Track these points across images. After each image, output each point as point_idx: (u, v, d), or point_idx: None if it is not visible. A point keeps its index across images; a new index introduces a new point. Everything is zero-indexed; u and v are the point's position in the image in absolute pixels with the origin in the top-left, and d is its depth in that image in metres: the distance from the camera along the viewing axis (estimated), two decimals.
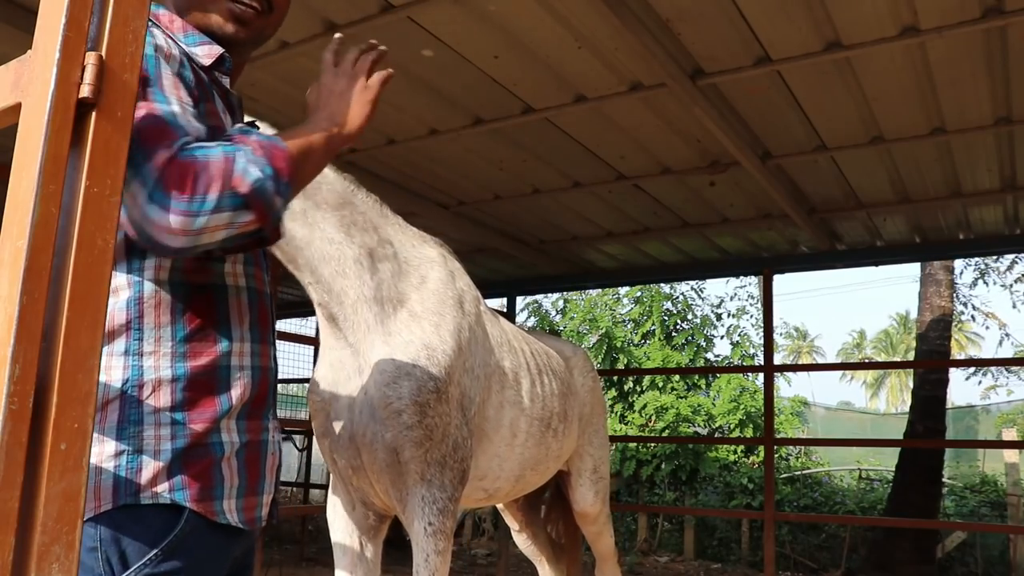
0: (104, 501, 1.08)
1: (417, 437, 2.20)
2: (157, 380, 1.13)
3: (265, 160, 1.06)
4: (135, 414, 1.11)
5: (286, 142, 1.13)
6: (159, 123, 1.03)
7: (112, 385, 1.11)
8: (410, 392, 2.19)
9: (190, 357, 1.16)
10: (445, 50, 3.30)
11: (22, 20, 2.98)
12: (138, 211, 0.99)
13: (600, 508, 3.54)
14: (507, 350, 2.73)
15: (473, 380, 2.44)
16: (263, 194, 1.04)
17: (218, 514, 1.15)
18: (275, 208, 1.07)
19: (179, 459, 1.12)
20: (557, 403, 3.00)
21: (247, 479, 1.21)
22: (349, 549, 2.48)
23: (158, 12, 1.26)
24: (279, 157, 1.08)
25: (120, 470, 1.09)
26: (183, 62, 1.16)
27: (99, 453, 1.08)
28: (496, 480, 2.73)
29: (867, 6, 2.91)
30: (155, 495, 1.10)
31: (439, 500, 2.25)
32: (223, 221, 1.01)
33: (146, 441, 1.10)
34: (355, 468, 2.35)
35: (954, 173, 4.45)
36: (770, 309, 5.90)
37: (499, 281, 7.05)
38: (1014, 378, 16.59)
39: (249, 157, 1.04)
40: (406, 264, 2.37)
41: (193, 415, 1.14)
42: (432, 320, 2.32)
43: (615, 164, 4.54)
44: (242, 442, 1.21)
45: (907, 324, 34.11)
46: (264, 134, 1.12)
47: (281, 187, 1.07)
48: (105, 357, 1.10)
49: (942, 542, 8.58)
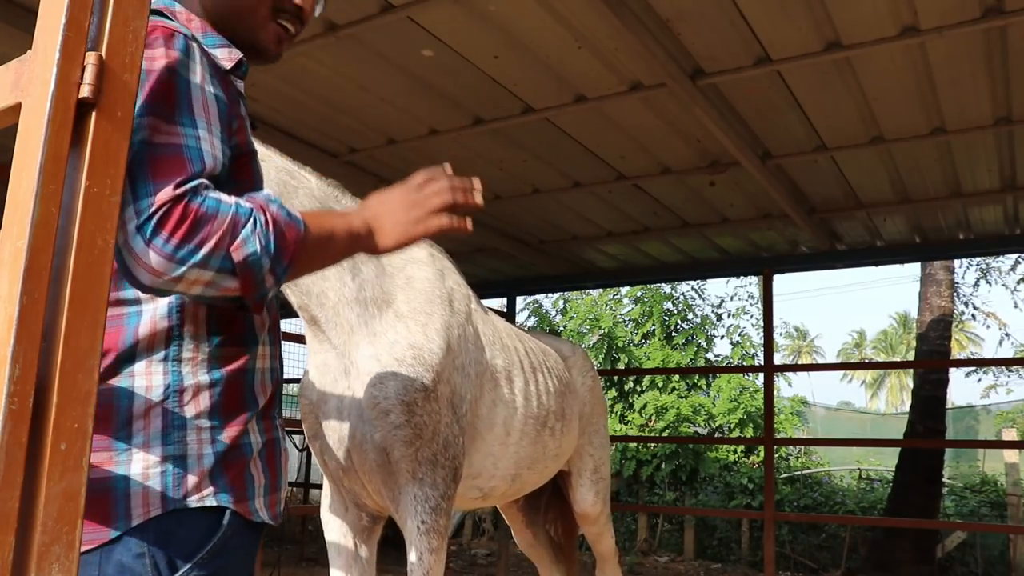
0: (153, 507, 1.08)
1: (406, 436, 2.20)
2: (196, 385, 1.14)
3: (272, 237, 1.03)
4: (178, 420, 1.12)
5: (309, 224, 1.11)
6: (175, 154, 1.01)
7: (154, 392, 1.11)
8: (396, 391, 2.19)
9: (224, 362, 1.18)
10: (445, 50, 3.30)
11: (22, 20, 2.98)
12: (123, 236, 0.96)
13: (601, 509, 3.54)
14: (499, 348, 2.73)
15: (464, 378, 2.43)
16: (255, 268, 1.02)
17: (253, 513, 1.18)
18: (264, 285, 1.05)
19: (220, 462, 1.15)
20: (554, 401, 2.99)
21: (270, 477, 1.24)
22: (344, 549, 2.48)
23: (174, 8, 1.23)
24: (290, 239, 1.06)
25: (167, 476, 1.10)
26: (212, 71, 1.14)
27: (144, 460, 1.09)
28: (491, 479, 2.72)
29: (867, 6, 2.91)
30: (202, 499, 1.12)
31: (431, 498, 2.25)
32: (204, 278, 0.99)
33: (189, 446, 1.12)
34: (345, 469, 2.36)
35: (954, 173, 4.44)
36: (770, 309, 5.90)
37: (499, 281, 7.05)
38: (1015, 377, 16.57)
39: (258, 228, 1.02)
40: (390, 266, 2.37)
41: (229, 418, 1.17)
42: (419, 319, 2.32)
43: (615, 164, 4.54)
44: (263, 441, 1.23)
45: (907, 324, 34.11)
46: (287, 208, 1.09)
47: (278, 268, 1.05)
48: (145, 364, 1.12)
49: (942, 542, 8.58)
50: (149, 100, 1.01)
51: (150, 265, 0.96)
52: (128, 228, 0.96)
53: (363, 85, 3.64)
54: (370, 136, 4.18)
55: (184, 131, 1.03)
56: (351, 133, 4.18)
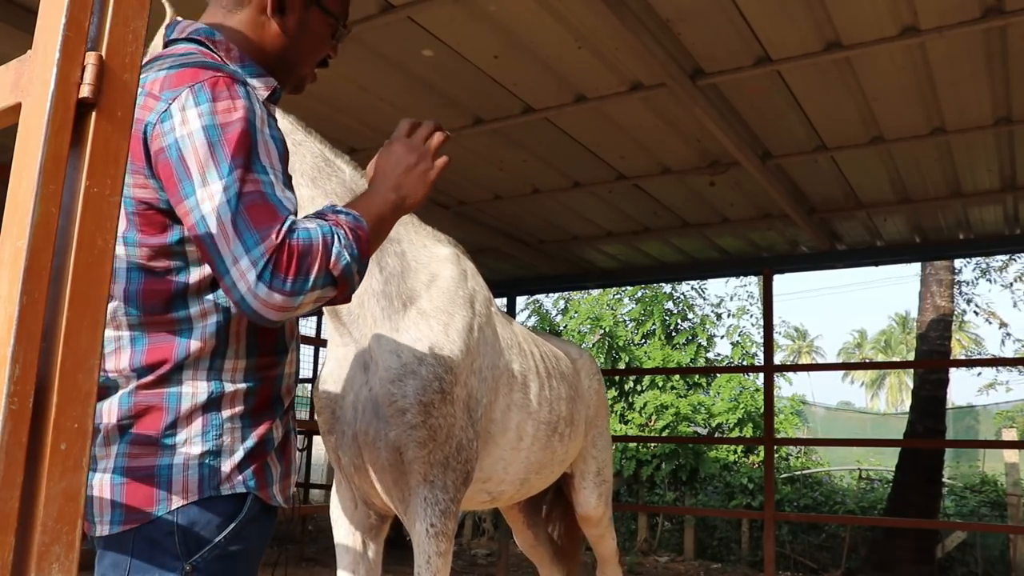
0: (191, 494, 1.22)
1: (421, 437, 2.18)
2: (234, 392, 1.28)
3: (354, 244, 1.19)
4: (216, 421, 1.26)
5: (365, 219, 1.25)
6: (266, 202, 1.13)
7: (199, 397, 1.25)
8: (415, 391, 2.16)
9: (260, 371, 1.31)
10: (445, 50, 3.30)
11: (22, 20, 2.98)
12: (246, 287, 1.10)
13: (603, 511, 3.54)
14: (516, 352, 2.71)
15: (481, 381, 2.41)
16: (350, 274, 1.18)
17: (271, 498, 1.31)
18: (355, 284, 1.21)
19: (248, 456, 1.28)
20: (564, 407, 2.97)
21: (284, 465, 1.37)
22: (351, 549, 2.47)
23: (215, 37, 1.32)
24: (363, 240, 1.21)
25: (204, 468, 1.23)
26: (265, 112, 1.24)
27: (186, 454, 1.23)
28: (500, 483, 2.71)
29: (867, 6, 2.91)
30: (232, 487, 1.25)
31: (441, 501, 2.23)
32: (315, 297, 1.15)
33: (224, 443, 1.26)
34: (357, 467, 2.33)
35: (954, 173, 4.45)
36: (770, 309, 5.90)
37: (499, 281, 7.05)
38: (1015, 374, 16.57)
39: (343, 241, 1.17)
40: (415, 262, 2.35)
41: (259, 419, 1.31)
42: (441, 319, 2.29)
43: (615, 164, 4.54)
44: (282, 435, 1.37)
45: (907, 324, 34.11)
46: (350, 212, 1.24)
47: (362, 267, 1.21)
48: (192, 373, 1.25)
49: (942, 542, 8.58)
50: (234, 153, 1.13)
51: (277, 304, 1.11)
52: (248, 278, 1.10)
53: (363, 85, 3.64)
54: (370, 136, 4.18)
55: (261, 178, 1.15)
56: (351, 133, 4.18)
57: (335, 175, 2.15)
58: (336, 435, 2.33)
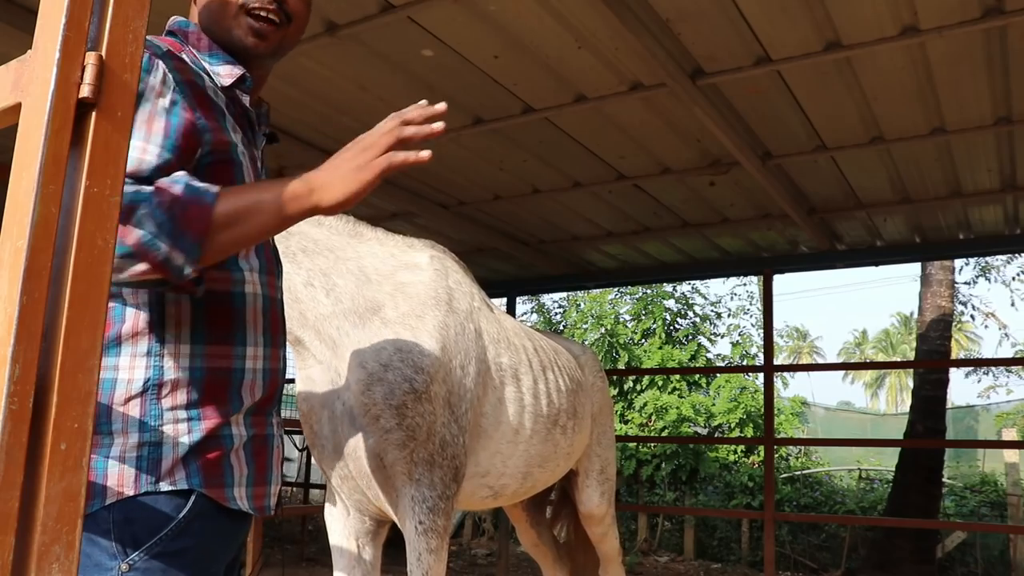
0: (127, 488, 1.15)
1: (398, 439, 2.21)
2: (176, 380, 1.20)
3: (167, 217, 1.05)
4: (156, 410, 1.18)
5: (224, 199, 1.10)
6: None
7: (135, 383, 1.18)
8: (383, 396, 2.21)
9: (208, 359, 1.23)
10: (445, 50, 3.30)
11: (22, 20, 2.98)
12: None
13: (606, 509, 3.54)
14: (505, 347, 2.72)
15: (463, 377, 2.43)
16: (153, 249, 1.04)
17: (229, 500, 1.23)
18: (174, 264, 1.06)
19: (194, 451, 1.20)
20: (565, 400, 2.98)
21: (255, 470, 1.29)
22: (347, 551, 2.49)
23: (188, 29, 1.34)
24: (192, 217, 1.06)
25: (142, 461, 1.17)
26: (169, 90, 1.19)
27: (122, 444, 1.16)
28: (500, 477, 2.72)
29: (867, 6, 2.91)
30: (173, 482, 1.18)
31: (429, 499, 2.25)
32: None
33: (165, 435, 1.18)
34: (343, 478, 2.37)
35: (954, 173, 4.44)
36: (770, 309, 5.90)
37: (499, 281, 7.05)
38: (1014, 377, 16.56)
39: (151, 210, 1.04)
40: (377, 274, 2.39)
41: (207, 412, 1.22)
42: (408, 323, 2.33)
43: (615, 164, 4.54)
44: (248, 435, 1.28)
45: (907, 324, 34.11)
46: (196, 186, 1.09)
47: (185, 245, 1.06)
48: (128, 357, 1.19)
49: (942, 542, 8.58)
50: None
51: None
52: None
53: (363, 85, 3.64)
54: None
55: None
56: (351, 133, 4.13)
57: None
58: (318, 448, 2.39)
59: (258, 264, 1.33)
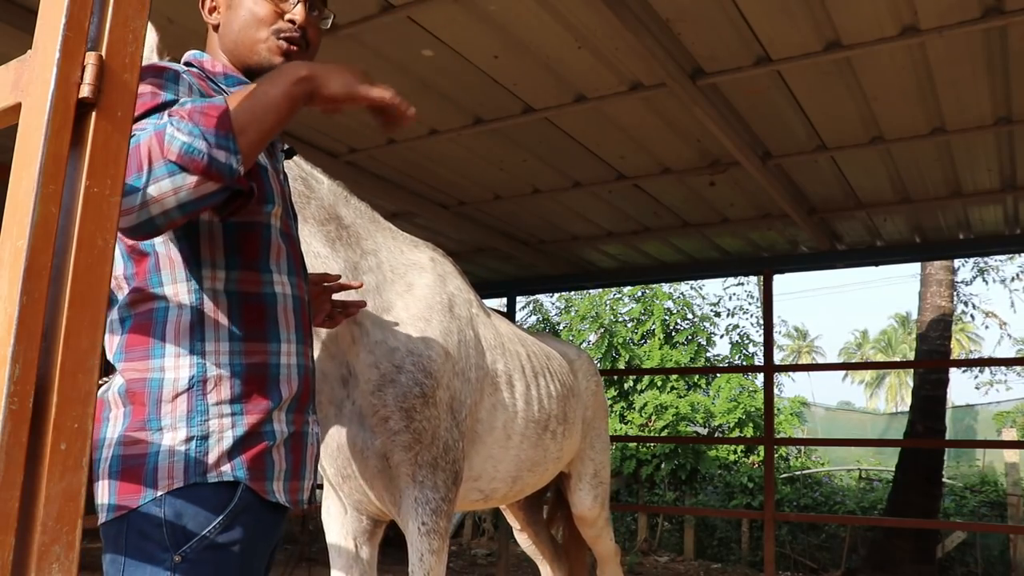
0: (176, 480, 1.21)
1: (405, 441, 2.22)
2: (218, 376, 1.27)
3: (191, 123, 1.09)
4: (202, 405, 1.25)
5: (233, 95, 1.19)
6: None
7: (181, 380, 1.25)
8: (395, 398, 2.21)
9: (246, 355, 1.30)
10: (445, 50, 3.30)
11: (22, 20, 2.97)
12: None
13: (599, 512, 3.54)
14: (500, 352, 2.74)
15: (464, 383, 2.45)
16: (195, 154, 1.08)
17: (269, 493, 1.30)
18: (220, 162, 1.10)
19: (239, 444, 1.27)
20: (555, 405, 2.99)
21: (292, 465, 1.36)
22: (344, 550, 2.50)
23: (202, 59, 1.46)
24: (209, 116, 1.11)
25: (191, 453, 1.23)
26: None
27: (172, 438, 1.23)
28: (491, 481, 2.74)
29: (867, 6, 2.91)
30: (220, 474, 1.24)
31: (431, 500, 2.27)
32: (167, 189, 1.07)
33: (212, 429, 1.25)
34: (345, 477, 2.37)
35: (954, 173, 4.45)
36: (770, 309, 5.90)
37: (499, 281, 7.05)
38: (1013, 375, 16.56)
39: (176, 126, 1.09)
40: (392, 272, 2.39)
41: (250, 407, 1.29)
42: (418, 326, 2.33)
43: (615, 164, 4.54)
44: (289, 432, 1.35)
45: (907, 324, 34.10)
46: (204, 98, 1.20)
47: (220, 140, 1.10)
48: (173, 357, 1.26)
49: (942, 542, 8.58)
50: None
51: (123, 211, 1.03)
52: None
53: None
54: (370, 136, 4.18)
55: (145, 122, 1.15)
56: (351, 133, 4.18)
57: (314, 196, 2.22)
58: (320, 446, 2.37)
59: (286, 267, 1.41)
